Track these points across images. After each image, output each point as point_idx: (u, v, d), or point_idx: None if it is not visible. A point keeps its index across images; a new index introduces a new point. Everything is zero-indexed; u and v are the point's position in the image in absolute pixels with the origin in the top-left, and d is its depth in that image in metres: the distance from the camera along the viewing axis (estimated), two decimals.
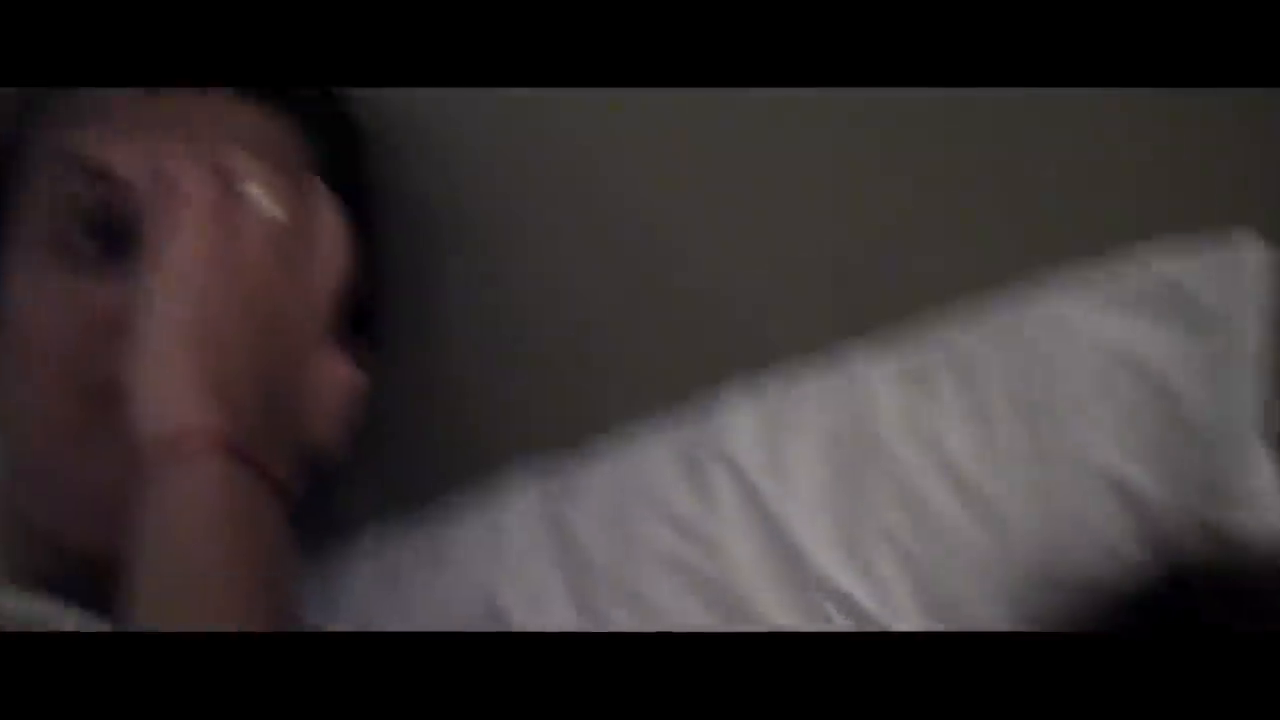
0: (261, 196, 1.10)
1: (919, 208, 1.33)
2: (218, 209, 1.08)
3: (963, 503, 1.25)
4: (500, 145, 1.38)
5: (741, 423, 1.31)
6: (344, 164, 1.30)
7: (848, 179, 1.34)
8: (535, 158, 1.38)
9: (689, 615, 1.28)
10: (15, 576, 1.25)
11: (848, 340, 1.32)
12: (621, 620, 1.29)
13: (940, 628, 1.23)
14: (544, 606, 1.31)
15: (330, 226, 1.14)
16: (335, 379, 1.14)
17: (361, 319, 1.28)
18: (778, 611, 1.26)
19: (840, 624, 1.25)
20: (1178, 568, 1.18)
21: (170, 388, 1.03)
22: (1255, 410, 1.23)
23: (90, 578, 1.19)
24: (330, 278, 1.13)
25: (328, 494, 1.31)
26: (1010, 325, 1.28)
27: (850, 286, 1.34)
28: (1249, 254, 1.24)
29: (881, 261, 1.33)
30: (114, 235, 1.19)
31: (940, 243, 1.32)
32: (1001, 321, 1.29)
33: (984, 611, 1.23)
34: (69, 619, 1.19)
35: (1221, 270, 1.25)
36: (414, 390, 1.40)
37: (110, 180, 1.19)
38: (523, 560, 1.33)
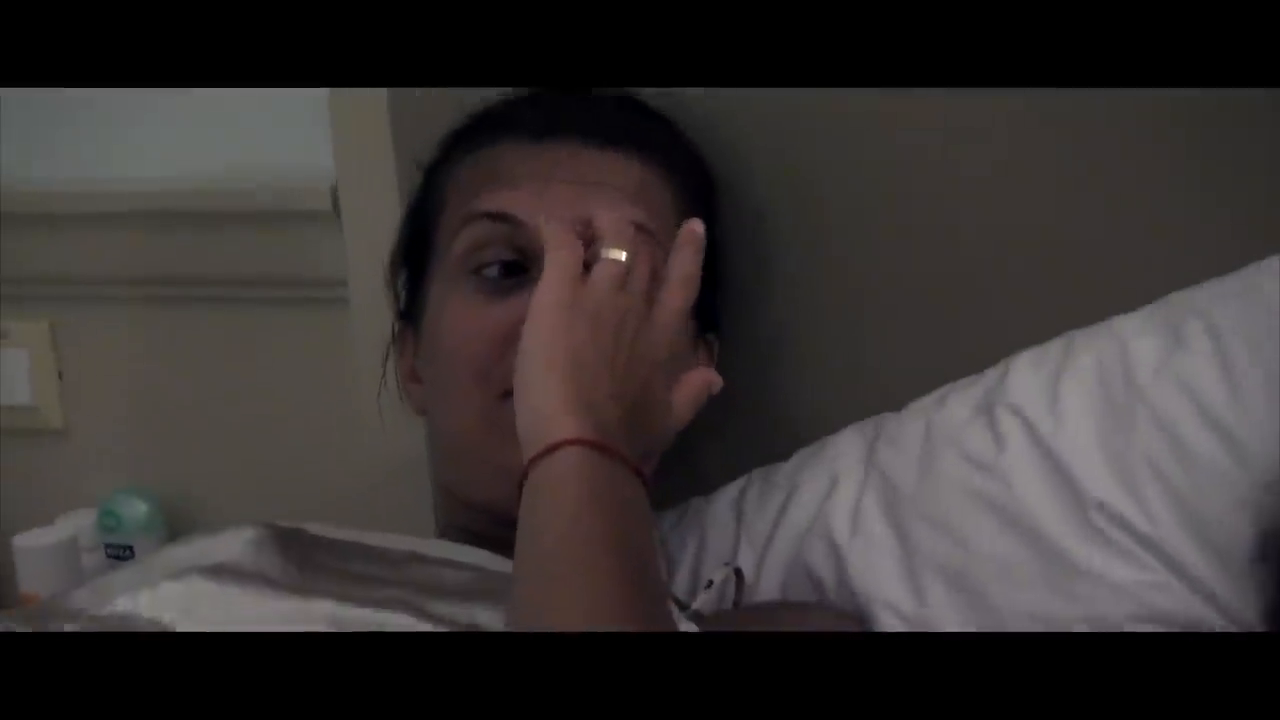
0: (611, 247, 1.16)
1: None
2: (574, 261, 1.14)
3: (1210, 432, 1.23)
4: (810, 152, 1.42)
5: (1026, 379, 1.32)
6: (699, 200, 1.35)
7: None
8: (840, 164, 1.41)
9: (979, 530, 1.29)
10: (443, 532, 1.35)
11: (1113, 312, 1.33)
12: (925, 534, 1.31)
13: (1194, 538, 1.22)
14: (863, 525, 1.33)
15: (682, 264, 1.18)
16: (688, 384, 1.18)
17: (710, 318, 1.35)
18: (1061, 529, 1.26)
19: (1116, 538, 1.24)
20: None
21: (543, 405, 1.08)
22: None
23: (501, 530, 1.21)
24: (678, 306, 1.17)
25: (691, 454, 1.35)
26: (1248, 287, 1.27)
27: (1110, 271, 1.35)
28: None
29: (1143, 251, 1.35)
30: (512, 264, 1.27)
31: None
32: (1240, 285, 1.28)
33: (1229, 519, 1.22)
34: (483, 560, 1.25)
35: None
36: (754, 364, 1.43)
37: (508, 221, 1.27)
38: (848, 486, 1.35)
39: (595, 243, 1.17)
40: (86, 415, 1.89)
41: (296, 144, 1.67)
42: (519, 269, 1.27)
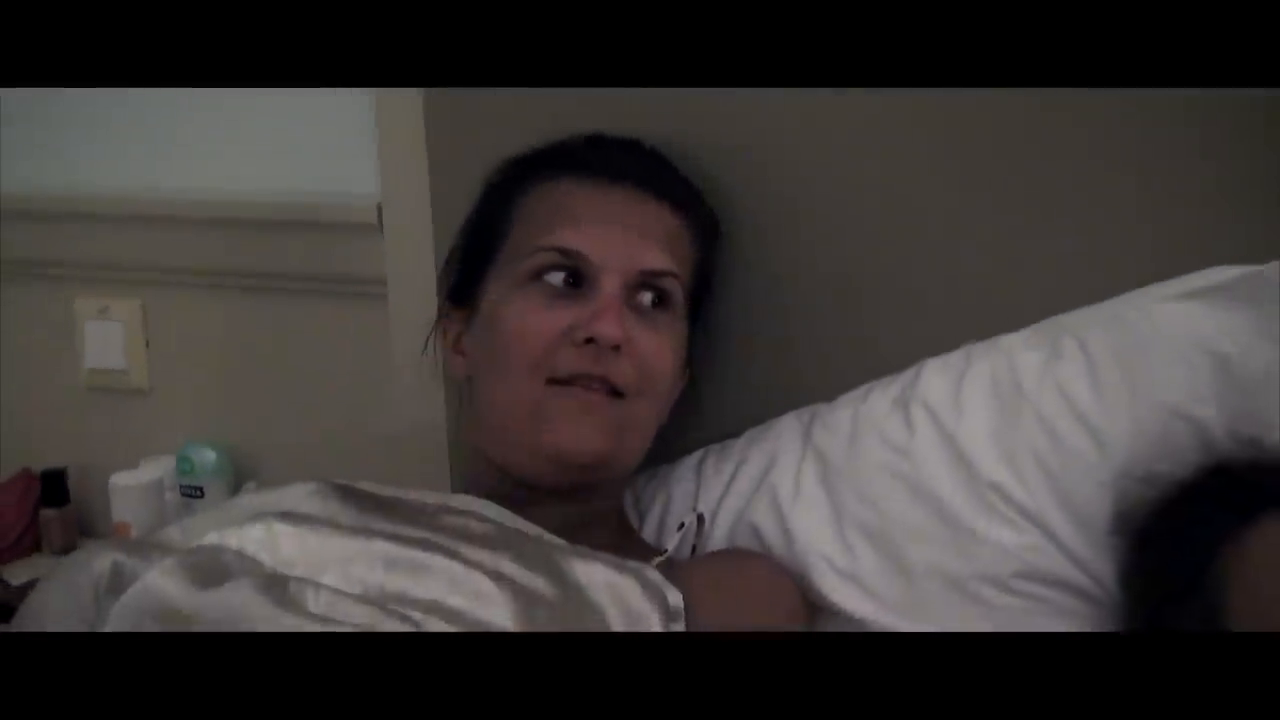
0: None
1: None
2: None
3: (1080, 428, 1.22)
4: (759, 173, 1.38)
5: (934, 380, 1.30)
6: (708, 246, 1.34)
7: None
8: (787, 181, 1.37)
9: (895, 500, 1.27)
10: (468, 487, 1.30)
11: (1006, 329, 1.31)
12: (853, 502, 1.29)
13: (1065, 512, 1.20)
14: (800, 490, 1.31)
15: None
16: None
17: (701, 315, 1.34)
18: (960, 502, 1.24)
19: (1003, 510, 1.22)
20: (1224, 462, 1.15)
21: None
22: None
23: (516, 491, 1.25)
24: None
25: (668, 430, 1.34)
26: (1114, 313, 1.26)
27: (1004, 298, 1.32)
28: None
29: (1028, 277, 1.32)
30: (571, 279, 1.24)
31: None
32: (1109, 310, 1.27)
33: (1093, 498, 1.20)
34: (502, 516, 1.22)
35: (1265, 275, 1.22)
36: (716, 361, 1.40)
37: (574, 256, 1.24)
38: (788, 461, 1.34)
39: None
40: (168, 379, 1.88)
41: (350, 169, 1.65)
42: (575, 285, 1.24)
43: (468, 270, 1.33)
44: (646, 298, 1.25)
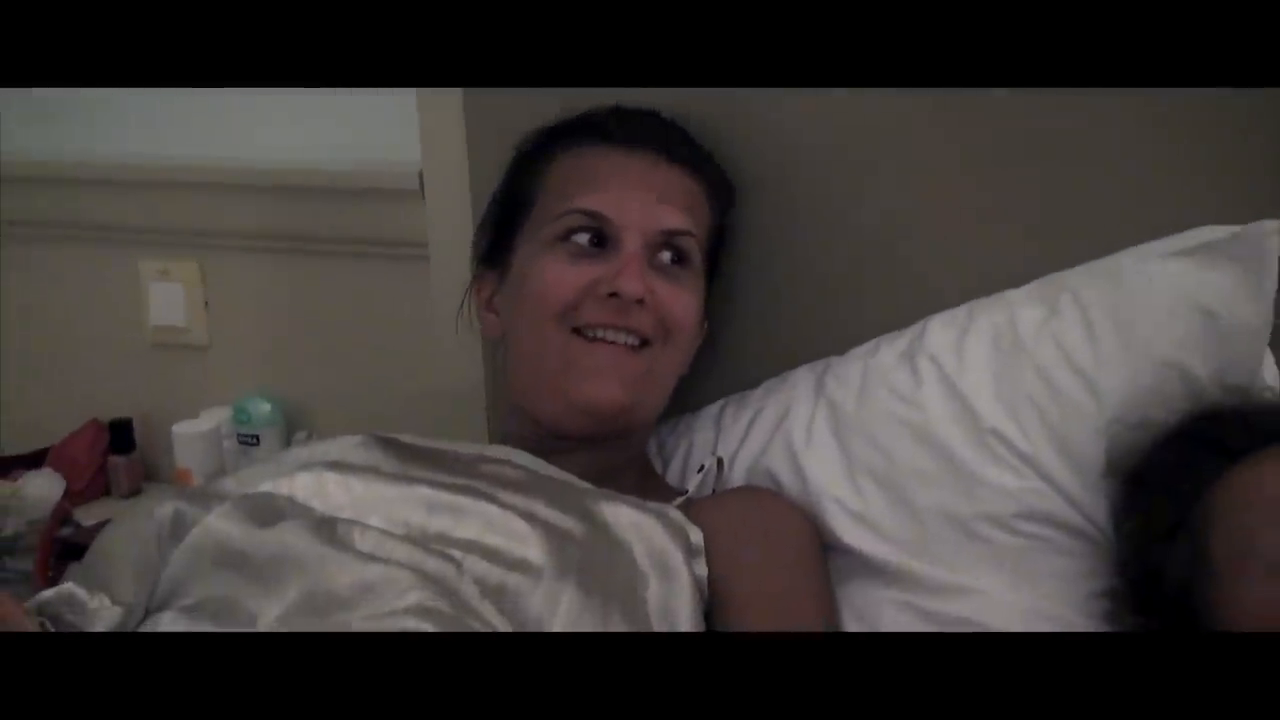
0: None
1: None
2: None
3: (1076, 378, 1.23)
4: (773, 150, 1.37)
5: (939, 334, 1.31)
6: (724, 212, 1.34)
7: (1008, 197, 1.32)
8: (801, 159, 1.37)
9: (903, 446, 1.27)
10: (503, 438, 1.31)
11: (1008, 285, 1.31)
12: (863, 448, 1.29)
13: (1062, 456, 1.21)
14: (813, 437, 1.32)
15: None
16: None
17: (717, 273, 1.34)
18: (963, 448, 1.24)
19: (1004, 455, 1.22)
20: (1213, 409, 1.16)
21: None
22: (1266, 320, 1.20)
23: (548, 440, 1.26)
24: None
25: (685, 381, 1.34)
26: (1108, 270, 1.27)
27: (1004, 256, 1.33)
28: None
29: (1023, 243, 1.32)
30: (596, 240, 1.25)
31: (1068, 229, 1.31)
32: (1102, 268, 1.27)
33: (1088, 443, 1.21)
34: (534, 464, 1.23)
35: (1250, 235, 1.22)
36: (735, 316, 1.40)
37: (598, 218, 1.24)
38: (802, 410, 1.34)
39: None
40: (225, 335, 1.89)
41: (393, 139, 1.63)
42: (599, 244, 1.25)
43: (499, 234, 1.34)
44: (666, 256, 1.26)
